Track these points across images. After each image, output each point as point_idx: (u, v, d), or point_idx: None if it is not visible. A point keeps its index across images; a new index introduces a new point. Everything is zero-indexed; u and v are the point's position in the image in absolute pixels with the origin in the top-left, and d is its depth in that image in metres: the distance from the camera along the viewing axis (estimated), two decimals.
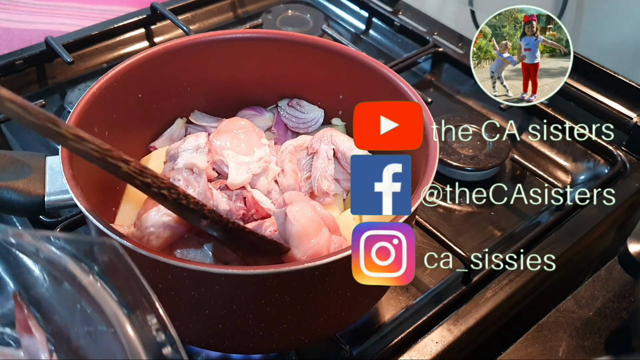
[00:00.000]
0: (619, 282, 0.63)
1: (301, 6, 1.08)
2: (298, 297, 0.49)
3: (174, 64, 0.64)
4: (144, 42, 0.99)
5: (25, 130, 0.84)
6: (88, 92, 0.57)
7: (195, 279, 0.47)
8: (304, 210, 0.53)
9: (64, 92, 0.90)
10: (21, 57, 0.90)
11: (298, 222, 0.52)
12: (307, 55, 0.66)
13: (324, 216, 0.54)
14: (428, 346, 0.60)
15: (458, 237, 0.72)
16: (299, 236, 0.52)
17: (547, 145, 0.84)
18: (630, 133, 0.82)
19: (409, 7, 1.06)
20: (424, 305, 0.65)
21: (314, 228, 0.52)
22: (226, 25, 1.05)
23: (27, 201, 0.52)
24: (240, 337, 0.51)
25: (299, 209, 0.53)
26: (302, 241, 0.52)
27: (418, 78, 0.96)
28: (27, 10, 1.08)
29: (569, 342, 0.58)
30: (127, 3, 1.10)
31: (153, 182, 0.45)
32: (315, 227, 0.52)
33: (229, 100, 0.70)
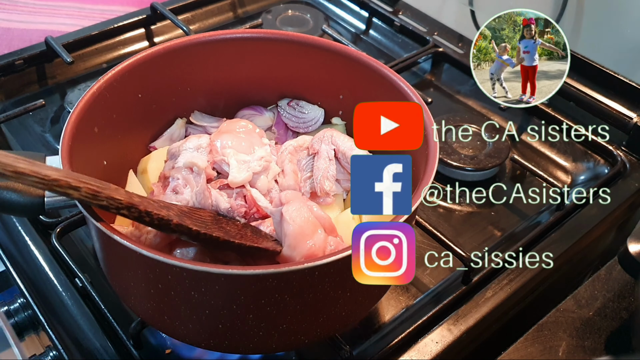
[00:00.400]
0: (619, 282, 0.63)
1: (301, 6, 1.08)
2: (298, 297, 0.49)
3: (173, 64, 0.64)
4: (144, 42, 0.99)
5: (25, 130, 0.84)
6: (88, 92, 0.57)
7: (195, 279, 0.47)
8: (300, 211, 0.53)
9: (64, 92, 0.90)
10: (21, 57, 0.90)
11: (294, 222, 0.52)
12: (307, 55, 0.66)
13: (319, 216, 0.54)
14: (428, 346, 0.60)
15: (458, 237, 0.72)
16: (295, 236, 0.52)
17: (547, 145, 0.84)
18: (630, 133, 0.82)
19: (409, 7, 1.06)
20: (424, 305, 0.65)
21: (310, 229, 0.52)
22: (226, 25, 1.05)
23: (26, 201, 0.52)
24: (240, 337, 0.51)
25: (295, 209, 0.53)
26: (298, 242, 0.52)
27: (418, 78, 0.96)
28: (27, 10, 1.08)
29: (569, 342, 0.58)
30: (127, 3, 1.10)
31: (110, 204, 0.46)
32: (311, 227, 0.52)
33: (229, 100, 0.70)
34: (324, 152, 0.62)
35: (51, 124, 0.86)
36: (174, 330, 0.53)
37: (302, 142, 0.64)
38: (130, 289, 0.53)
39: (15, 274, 0.65)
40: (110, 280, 0.56)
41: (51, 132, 0.85)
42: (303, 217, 0.53)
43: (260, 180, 0.60)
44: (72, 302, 0.62)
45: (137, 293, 0.53)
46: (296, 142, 0.64)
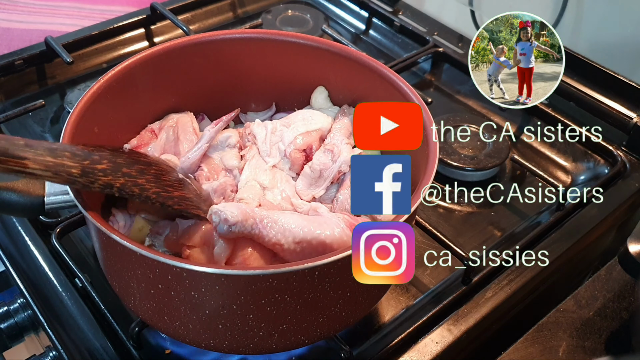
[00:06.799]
0: (619, 282, 0.63)
1: (301, 6, 1.08)
2: (298, 297, 0.49)
3: (173, 64, 0.64)
4: (143, 42, 0.99)
5: (25, 130, 0.84)
6: (88, 92, 0.57)
7: (195, 279, 0.47)
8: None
9: (63, 92, 0.90)
10: (21, 57, 0.90)
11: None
12: (307, 56, 0.66)
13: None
14: (428, 346, 0.60)
15: (458, 237, 0.72)
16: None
17: (547, 145, 0.84)
18: (630, 133, 0.82)
19: (409, 7, 1.06)
20: (424, 306, 0.65)
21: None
22: (226, 25, 1.05)
23: (26, 202, 0.52)
24: (240, 337, 0.51)
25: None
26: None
27: (418, 78, 0.96)
28: (27, 10, 1.08)
29: (569, 342, 0.58)
30: (127, 3, 1.10)
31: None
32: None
33: (229, 100, 0.70)
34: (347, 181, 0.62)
35: (51, 124, 0.86)
36: (174, 331, 0.53)
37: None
38: (130, 289, 0.53)
39: (15, 274, 0.65)
40: (110, 280, 0.56)
41: (51, 132, 0.85)
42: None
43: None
44: (72, 302, 0.62)
45: (137, 293, 0.53)
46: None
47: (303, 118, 0.64)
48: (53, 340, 0.60)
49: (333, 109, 0.68)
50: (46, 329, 0.61)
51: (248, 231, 0.50)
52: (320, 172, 0.61)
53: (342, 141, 0.62)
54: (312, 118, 0.64)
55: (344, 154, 0.60)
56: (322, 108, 0.68)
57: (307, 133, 0.62)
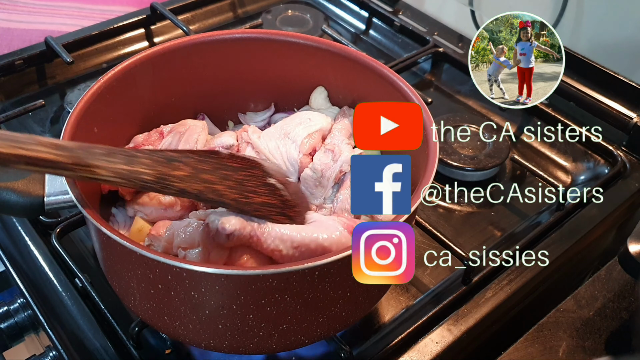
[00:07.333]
0: (619, 282, 0.63)
1: (301, 6, 1.08)
2: (298, 297, 0.49)
3: (173, 64, 0.64)
4: (143, 42, 0.99)
5: (25, 130, 0.84)
6: (88, 92, 0.57)
7: (195, 279, 0.47)
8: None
9: (63, 92, 0.90)
10: (21, 57, 0.90)
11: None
12: (307, 56, 0.66)
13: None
14: (428, 346, 0.60)
15: (458, 237, 0.72)
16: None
17: (547, 145, 0.84)
18: (630, 133, 0.82)
19: (409, 7, 1.06)
20: (424, 306, 0.65)
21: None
22: (226, 25, 1.05)
23: (26, 202, 0.52)
24: (240, 337, 0.51)
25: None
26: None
27: (418, 78, 0.96)
28: (27, 10, 1.08)
29: (569, 342, 0.58)
30: (127, 3, 1.10)
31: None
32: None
33: (229, 100, 0.70)
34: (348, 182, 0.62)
35: (51, 124, 0.86)
36: (174, 331, 0.53)
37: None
38: (130, 289, 0.53)
39: (15, 274, 0.65)
40: (110, 280, 0.56)
41: (51, 132, 0.85)
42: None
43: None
44: (72, 302, 0.62)
45: (137, 293, 0.53)
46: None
47: (300, 122, 0.64)
48: (53, 340, 0.60)
49: (332, 109, 0.68)
50: (46, 329, 0.61)
51: (247, 239, 0.50)
52: (321, 172, 0.61)
53: (342, 141, 0.62)
54: (311, 119, 0.64)
55: (345, 154, 0.60)
56: (321, 108, 0.68)
57: (309, 136, 0.62)
